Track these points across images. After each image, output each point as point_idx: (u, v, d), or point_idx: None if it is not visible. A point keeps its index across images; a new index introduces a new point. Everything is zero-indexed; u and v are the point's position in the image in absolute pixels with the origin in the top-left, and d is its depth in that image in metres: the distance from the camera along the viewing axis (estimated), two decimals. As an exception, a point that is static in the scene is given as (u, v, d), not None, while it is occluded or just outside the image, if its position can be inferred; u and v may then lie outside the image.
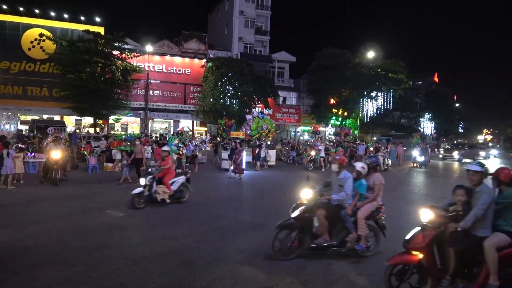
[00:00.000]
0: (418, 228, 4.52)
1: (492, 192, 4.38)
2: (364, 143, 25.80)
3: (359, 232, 5.80)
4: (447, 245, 4.34)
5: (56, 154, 12.07)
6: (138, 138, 15.54)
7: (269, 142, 22.57)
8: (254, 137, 23.38)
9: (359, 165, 6.15)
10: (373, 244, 6.11)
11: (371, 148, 24.17)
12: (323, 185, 6.34)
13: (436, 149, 39.29)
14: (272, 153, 20.92)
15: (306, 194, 5.90)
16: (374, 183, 6.03)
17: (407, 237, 4.53)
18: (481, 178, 4.47)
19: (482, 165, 4.59)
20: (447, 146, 40.17)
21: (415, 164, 23.06)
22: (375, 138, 43.35)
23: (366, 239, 5.92)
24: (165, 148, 10.16)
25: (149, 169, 9.46)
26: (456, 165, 26.87)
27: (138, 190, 9.00)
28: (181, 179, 9.85)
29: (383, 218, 6.14)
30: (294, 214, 5.77)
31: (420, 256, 4.31)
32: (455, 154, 30.29)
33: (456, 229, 4.28)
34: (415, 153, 23.59)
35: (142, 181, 9.11)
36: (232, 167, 15.61)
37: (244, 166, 17.93)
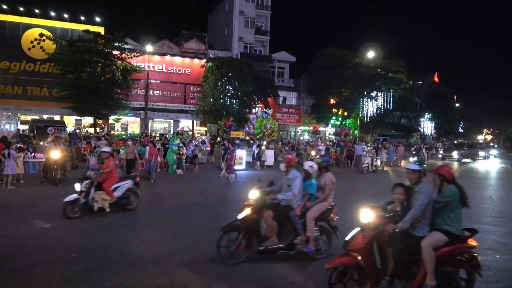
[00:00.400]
0: (357, 229, 4.42)
1: (429, 192, 4.33)
2: (363, 143, 25.69)
3: (308, 234, 5.58)
4: (386, 245, 4.28)
5: (55, 154, 12.07)
6: (130, 138, 15.01)
7: (264, 142, 22.37)
8: (257, 136, 23.37)
9: (306, 164, 5.98)
10: (325, 246, 5.92)
11: (368, 148, 23.81)
12: (267, 184, 6.12)
13: (436, 149, 39.23)
14: (270, 154, 20.39)
15: (253, 194, 5.70)
16: (325, 183, 5.82)
17: (347, 238, 4.43)
18: (419, 177, 4.43)
19: (420, 163, 4.54)
20: (441, 145, 40.20)
21: None
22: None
23: (317, 241, 5.74)
24: (105, 148, 9.27)
25: (87, 173, 8.39)
26: (453, 165, 26.81)
27: (72, 197, 7.92)
28: (127, 184, 8.81)
29: (335, 219, 5.95)
30: (241, 215, 5.56)
31: (359, 257, 4.22)
32: (455, 154, 30.30)
33: (394, 230, 4.21)
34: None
35: (77, 186, 8.05)
36: (224, 167, 15.49)
37: (244, 166, 17.99)
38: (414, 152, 23.94)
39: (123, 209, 8.67)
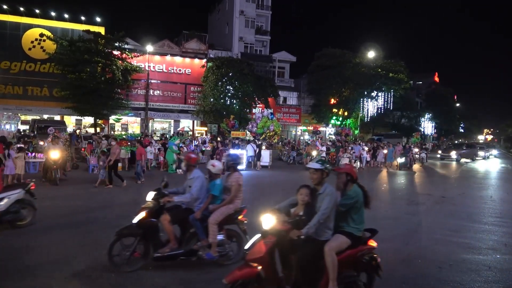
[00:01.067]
0: (258, 236, 4.04)
1: (334, 194, 4.09)
2: (361, 143, 25.60)
3: (210, 239, 5.21)
4: (288, 253, 3.98)
5: (54, 154, 12.05)
6: (114, 138, 14.25)
7: (259, 142, 22.27)
8: (261, 137, 23.32)
9: (209, 163, 5.64)
10: (233, 251, 5.52)
11: (367, 148, 23.66)
12: (162, 185, 5.62)
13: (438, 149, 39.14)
14: (265, 154, 20.10)
15: (150, 196, 5.34)
16: (231, 184, 5.45)
17: (246, 247, 4.12)
18: (321, 176, 4.15)
19: (323, 162, 4.29)
20: (429, 145, 40.14)
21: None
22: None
23: (223, 246, 5.40)
24: None
25: None
26: (447, 166, 26.63)
27: None
28: (16, 194, 7.09)
29: (245, 222, 5.59)
30: (135, 219, 5.17)
31: (259, 267, 3.79)
32: (453, 154, 30.14)
33: (299, 237, 3.86)
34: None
35: None
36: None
37: (244, 166, 17.98)
38: (402, 152, 23.11)
39: (11, 226, 6.89)
